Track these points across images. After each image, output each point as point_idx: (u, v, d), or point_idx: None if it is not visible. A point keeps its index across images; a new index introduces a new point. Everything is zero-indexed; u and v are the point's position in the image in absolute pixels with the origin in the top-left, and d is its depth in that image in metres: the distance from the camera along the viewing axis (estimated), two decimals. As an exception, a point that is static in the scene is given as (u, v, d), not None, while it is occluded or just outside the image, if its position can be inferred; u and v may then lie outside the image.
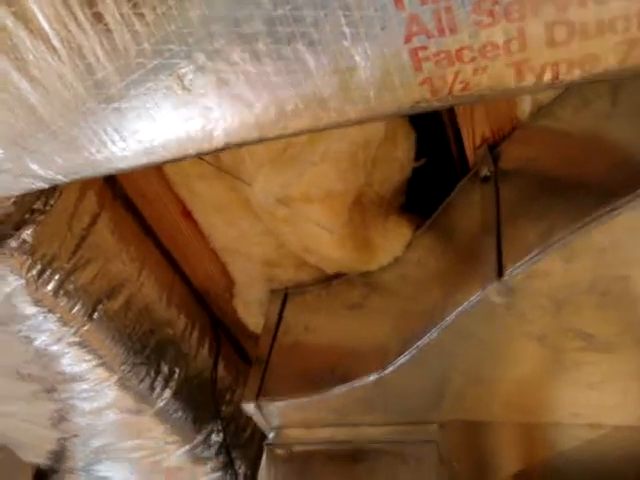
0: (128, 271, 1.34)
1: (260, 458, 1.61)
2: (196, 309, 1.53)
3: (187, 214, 1.39)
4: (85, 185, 1.26)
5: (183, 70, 0.74)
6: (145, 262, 1.38)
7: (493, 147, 1.22)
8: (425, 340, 1.16)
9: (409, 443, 1.34)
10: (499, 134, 1.19)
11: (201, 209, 1.37)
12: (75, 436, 1.60)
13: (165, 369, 1.41)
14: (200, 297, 1.55)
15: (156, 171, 1.32)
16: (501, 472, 1.50)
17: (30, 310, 1.21)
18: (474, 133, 1.18)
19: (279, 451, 1.43)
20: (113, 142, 0.85)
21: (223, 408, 1.59)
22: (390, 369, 1.21)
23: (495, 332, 1.13)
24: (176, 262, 1.47)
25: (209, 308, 1.57)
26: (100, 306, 1.27)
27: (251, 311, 1.53)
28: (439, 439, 1.33)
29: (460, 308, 1.09)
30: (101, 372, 1.33)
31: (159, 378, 1.40)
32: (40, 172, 0.94)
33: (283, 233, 1.28)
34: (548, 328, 1.10)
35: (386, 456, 1.36)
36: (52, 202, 1.19)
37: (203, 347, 1.52)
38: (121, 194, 1.36)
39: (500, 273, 1.03)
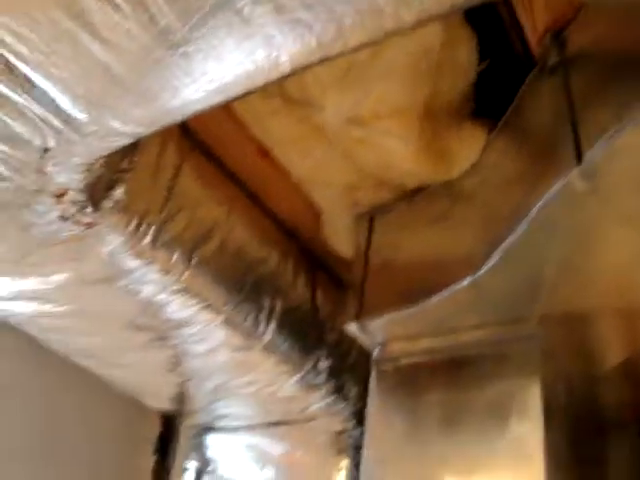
0: (217, 215, 1.40)
1: (367, 379, 1.67)
2: (287, 244, 1.58)
3: (264, 153, 1.43)
4: (163, 139, 1.31)
5: (241, 4, 0.76)
6: (232, 205, 1.43)
7: (557, 35, 1.19)
8: (513, 238, 1.17)
9: (510, 342, 1.36)
10: (562, 20, 1.16)
11: (276, 145, 1.40)
12: (191, 379, 1.70)
13: (266, 304, 1.47)
14: (289, 231, 1.59)
15: (228, 115, 1.35)
16: (606, 363, 1.50)
17: (133, 264, 1.28)
18: (535, 23, 1.16)
19: (385, 366, 1.49)
20: (185, 86, 0.88)
21: (326, 335, 1.65)
22: (483, 271, 1.23)
23: (582, 219, 1.13)
24: (261, 201, 1.52)
25: (300, 241, 1.62)
26: (196, 252, 1.33)
27: (340, 238, 1.57)
28: (540, 334, 1.35)
29: (543, 200, 1.10)
30: (207, 314, 1.40)
31: (262, 313, 1.46)
32: (122, 128, 0.99)
33: (359, 154, 1.30)
34: (635, 209, 1.09)
35: (489, 359, 1.39)
36: (136, 160, 1.25)
37: (299, 279, 1.57)
38: (198, 143, 1.40)
39: (579, 158, 1.03)
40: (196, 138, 1.40)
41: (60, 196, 1.14)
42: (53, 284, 1.36)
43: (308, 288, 1.61)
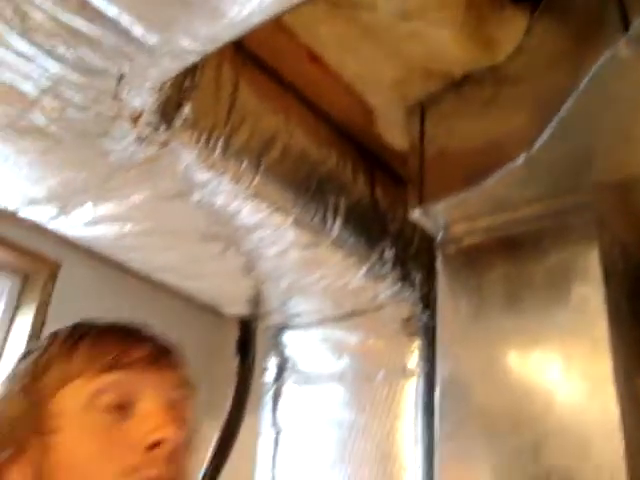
0: (276, 123, 1.47)
1: (430, 265, 1.77)
2: (343, 144, 1.65)
3: (315, 58, 1.48)
4: (219, 57, 1.37)
5: None
6: (289, 112, 1.50)
7: None
8: (564, 112, 1.22)
9: (567, 213, 1.43)
10: None
11: (326, 50, 1.45)
12: (265, 281, 1.81)
13: (331, 202, 1.56)
14: (345, 132, 1.66)
15: (278, 26, 1.40)
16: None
17: (206, 177, 1.37)
18: None
19: (449, 249, 1.58)
20: (249, 0, 0.94)
21: (389, 226, 1.73)
22: (536, 146, 1.29)
23: (633, 87, 1.17)
24: (316, 106, 1.58)
25: (355, 140, 1.69)
26: (262, 159, 1.41)
27: (394, 132, 1.63)
28: (595, 202, 1.41)
29: (592, 71, 1.14)
30: (277, 217, 1.49)
31: (328, 211, 1.55)
32: (191, 47, 1.06)
33: (408, 49, 1.35)
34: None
35: (547, 231, 1.46)
36: (197, 79, 1.32)
37: (358, 176, 1.65)
38: (251, 57, 1.46)
39: (626, 27, 1.07)
40: (248, 52, 1.46)
41: (135, 119, 1.23)
42: (132, 205, 1.46)
43: (367, 184, 1.69)
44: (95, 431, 0.67)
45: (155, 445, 0.66)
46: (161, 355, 0.72)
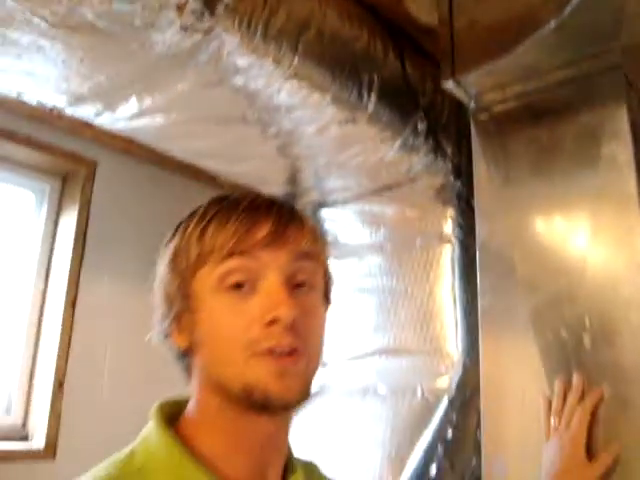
0: (310, 5, 1.50)
1: (461, 136, 1.83)
2: (374, 21, 1.68)
3: None
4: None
5: None
6: (321, -4, 1.53)
7: None
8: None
9: (596, 75, 1.48)
10: None
11: None
12: (303, 160, 1.89)
13: (365, 78, 1.61)
14: (374, 10, 1.69)
15: None
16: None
17: (247, 61, 1.42)
18: None
19: (481, 117, 1.64)
20: None
21: (420, 100, 1.79)
22: (567, 12, 1.33)
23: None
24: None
25: (385, 17, 1.72)
26: (300, 40, 1.46)
27: (422, 7, 1.66)
28: (624, 64, 1.45)
29: None
30: (315, 96, 1.55)
31: (363, 87, 1.61)
32: None
33: None
34: None
35: (577, 93, 1.51)
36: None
37: (389, 52, 1.69)
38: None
39: None
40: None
41: (181, 8, 1.27)
42: (176, 95, 1.53)
43: (398, 60, 1.73)
44: (224, 309, 0.76)
45: (272, 322, 0.74)
46: (282, 231, 0.77)
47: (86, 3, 1.21)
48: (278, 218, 0.78)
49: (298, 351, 0.75)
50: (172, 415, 0.81)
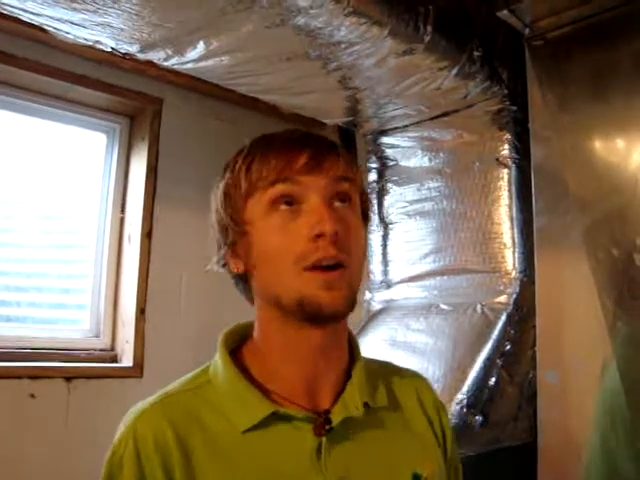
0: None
1: (516, 62, 1.87)
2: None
3: None
4: None
5: None
6: None
7: None
8: None
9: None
10: None
11: None
12: (363, 90, 1.96)
13: (421, 10, 1.66)
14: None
15: None
16: None
17: (309, 1, 1.48)
18: None
19: (536, 42, 1.68)
20: None
21: (475, 28, 1.83)
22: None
23: None
24: None
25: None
26: (357, -23, 1.51)
27: None
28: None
29: None
30: (375, 30, 1.61)
31: (419, 19, 1.66)
32: None
33: None
34: None
35: (634, 18, 1.53)
36: None
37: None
38: None
39: None
40: None
41: (244, -43, 1.34)
42: (241, 36, 1.60)
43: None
44: (274, 230, 0.84)
45: (318, 235, 0.81)
46: (319, 159, 0.85)
47: (157, -43, 1.29)
48: (315, 148, 0.86)
49: (343, 265, 0.82)
50: (238, 339, 0.93)
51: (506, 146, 2.00)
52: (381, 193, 2.33)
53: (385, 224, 2.30)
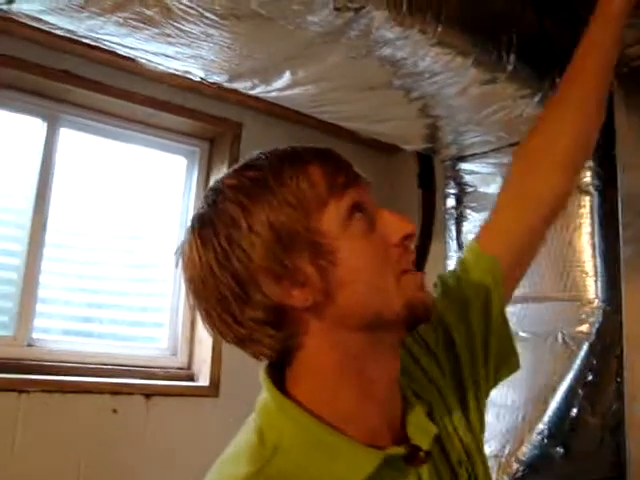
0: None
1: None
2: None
3: None
4: None
5: None
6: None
7: None
8: None
9: None
10: None
11: None
12: (444, 117, 1.97)
13: (505, 39, 1.67)
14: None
15: None
16: None
17: (395, 33, 1.51)
18: None
19: (622, 69, 1.66)
20: None
21: (557, 54, 1.81)
22: None
23: None
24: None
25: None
26: (442, 9, 1.53)
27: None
28: None
29: None
30: (459, 60, 1.62)
31: (502, 48, 1.66)
32: None
33: None
34: None
35: None
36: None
37: (527, 8, 1.73)
38: None
39: None
40: None
41: (335, -8, 1.37)
42: (327, 66, 1.64)
43: (535, 15, 1.76)
44: (363, 240, 0.76)
45: (405, 238, 0.78)
46: (354, 168, 0.81)
47: (253, -3, 1.34)
48: (344, 160, 0.81)
49: None
50: (278, 380, 0.79)
51: (588, 173, 1.97)
52: (459, 219, 2.32)
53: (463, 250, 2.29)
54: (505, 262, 0.99)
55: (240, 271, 0.74)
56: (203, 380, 2.34)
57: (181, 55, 1.57)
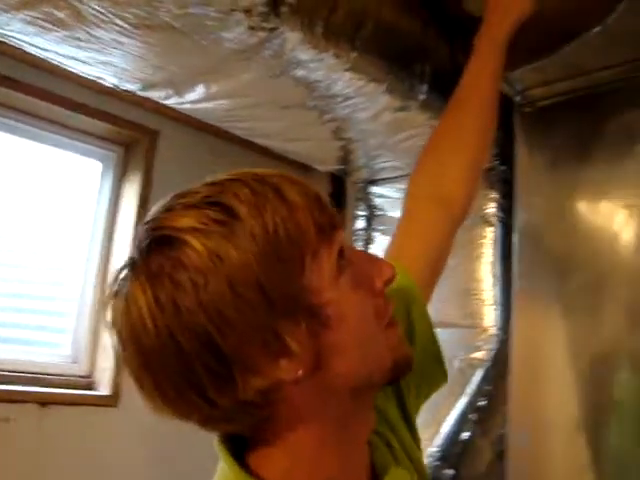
0: (366, 3, 1.59)
1: (508, 125, 1.91)
2: (426, 14, 1.76)
3: None
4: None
5: None
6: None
7: None
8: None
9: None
10: None
11: None
12: (356, 141, 2.00)
13: (417, 70, 1.71)
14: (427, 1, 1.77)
15: None
16: None
17: (309, 55, 1.53)
18: None
19: (526, 109, 1.72)
20: None
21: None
22: (613, 17, 1.40)
23: None
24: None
25: (436, 8, 1.79)
26: (357, 35, 1.56)
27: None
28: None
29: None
30: (372, 86, 1.65)
31: (415, 78, 1.70)
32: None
33: None
34: None
35: (621, 92, 1.59)
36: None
37: (440, 43, 1.78)
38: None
39: None
40: None
41: (249, 11, 1.38)
42: (241, 83, 1.64)
43: (448, 50, 1.81)
44: (354, 292, 0.67)
45: (387, 282, 0.69)
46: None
47: (164, 7, 1.33)
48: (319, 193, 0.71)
49: None
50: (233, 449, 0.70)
51: (493, 204, 2.04)
52: (367, 241, 2.36)
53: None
54: (420, 269, 1.01)
55: (222, 345, 0.59)
56: (103, 389, 2.29)
57: (92, 60, 1.54)
